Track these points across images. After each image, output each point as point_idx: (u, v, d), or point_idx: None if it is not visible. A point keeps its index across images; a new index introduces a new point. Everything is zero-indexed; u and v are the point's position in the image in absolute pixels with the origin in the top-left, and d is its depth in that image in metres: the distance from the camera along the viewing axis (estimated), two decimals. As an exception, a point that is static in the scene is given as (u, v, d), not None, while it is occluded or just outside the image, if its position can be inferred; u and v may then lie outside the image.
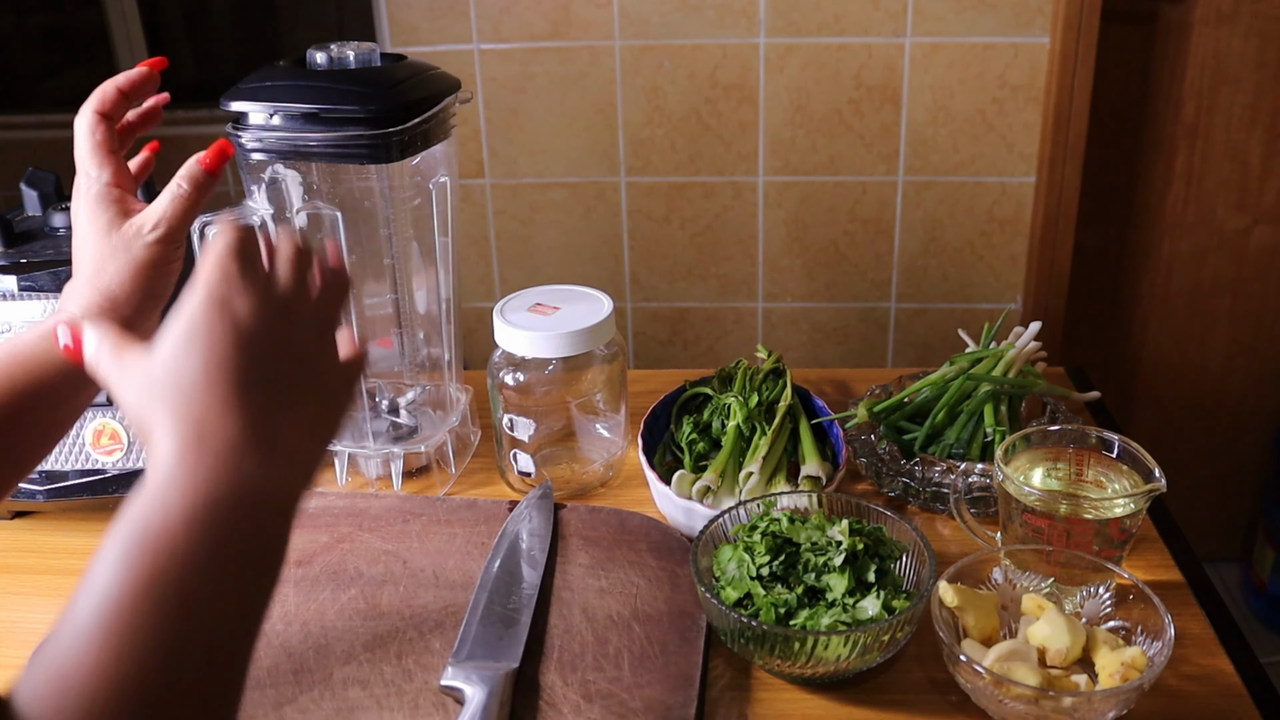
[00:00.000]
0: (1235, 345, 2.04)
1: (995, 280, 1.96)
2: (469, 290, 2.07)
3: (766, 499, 0.81)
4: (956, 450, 0.92)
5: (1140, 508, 0.77)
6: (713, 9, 1.81)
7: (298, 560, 0.83)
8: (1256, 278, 1.98)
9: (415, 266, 0.94)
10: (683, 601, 0.78)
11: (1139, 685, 0.65)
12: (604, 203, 1.97)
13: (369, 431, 0.96)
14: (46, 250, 0.90)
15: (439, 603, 0.78)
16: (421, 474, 0.98)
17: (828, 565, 0.73)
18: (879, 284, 1.99)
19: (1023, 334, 0.99)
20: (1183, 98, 1.87)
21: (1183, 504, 2.11)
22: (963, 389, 0.94)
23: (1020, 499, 0.78)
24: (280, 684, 0.70)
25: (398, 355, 0.98)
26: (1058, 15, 1.74)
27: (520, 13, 1.84)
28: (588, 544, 0.84)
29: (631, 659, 0.72)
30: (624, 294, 2.04)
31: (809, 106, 1.86)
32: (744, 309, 2.04)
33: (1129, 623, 0.72)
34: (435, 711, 0.68)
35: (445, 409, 1.00)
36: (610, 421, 0.97)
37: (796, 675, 0.72)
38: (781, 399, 0.97)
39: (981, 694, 0.68)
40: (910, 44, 1.80)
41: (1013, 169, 1.87)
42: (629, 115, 1.89)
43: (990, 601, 0.74)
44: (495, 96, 1.90)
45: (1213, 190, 1.93)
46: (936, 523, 0.90)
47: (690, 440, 0.95)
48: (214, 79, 2.38)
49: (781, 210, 1.94)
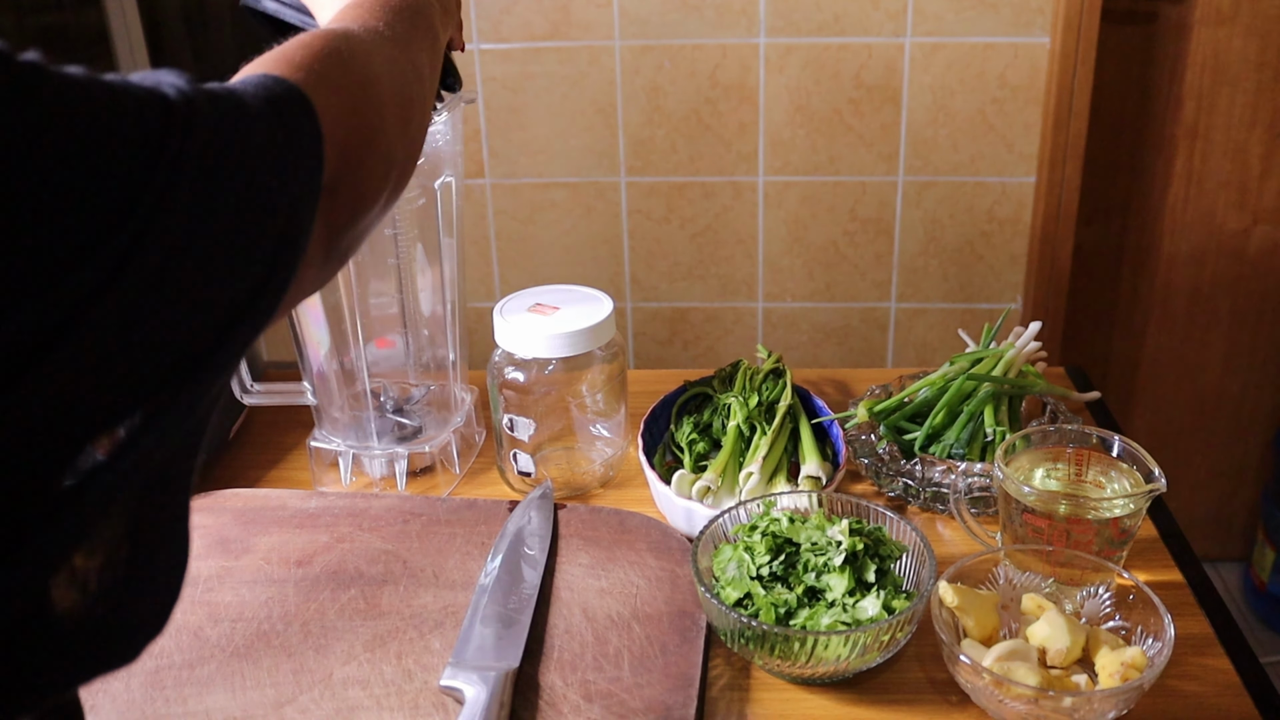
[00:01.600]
0: (1235, 345, 2.04)
1: (995, 280, 1.96)
2: (469, 290, 2.07)
3: (766, 499, 0.81)
4: (956, 450, 0.92)
5: (1140, 508, 0.77)
6: (713, 9, 1.81)
7: (298, 560, 0.83)
8: (1256, 278, 1.98)
9: (420, 267, 0.94)
10: (683, 601, 0.78)
11: (1139, 685, 0.65)
12: (604, 203, 1.97)
13: (373, 431, 0.96)
14: None
15: (439, 603, 0.78)
16: (426, 474, 0.98)
17: (828, 565, 0.73)
18: (879, 284, 1.99)
19: (1023, 334, 0.99)
20: (1183, 98, 1.87)
21: (1183, 504, 2.11)
22: (963, 389, 0.94)
23: (1020, 499, 0.78)
24: (280, 684, 0.71)
25: (403, 355, 0.98)
26: (1058, 15, 1.74)
27: (520, 13, 1.84)
28: (588, 544, 0.84)
29: (631, 659, 0.72)
30: (624, 294, 2.04)
31: (809, 106, 1.86)
32: (744, 309, 2.04)
33: (1129, 623, 0.72)
34: (435, 711, 0.68)
35: (450, 409, 1.00)
36: (610, 421, 0.97)
37: (796, 675, 0.72)
38: (781, 399, 0.97)
39: (981, 694, 0.68)
40: (910, 44, 1.80)
41: (1013, 169, 1.87)
42: (629, 115, 1.89)
43: (990, 601, 0.74)
44: (495, 96, 1.90)
45: (1213, 190, 1.93)
46: (936, 523, 0.90)
47: (690, 440, 0.95)
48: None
49: (781, 210, 1.94)
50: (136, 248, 0.34)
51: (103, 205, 0.33)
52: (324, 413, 0.97)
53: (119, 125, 0.34)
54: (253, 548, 0.85)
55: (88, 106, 0.33)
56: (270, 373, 1.04)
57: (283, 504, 0.90)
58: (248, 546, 0.85)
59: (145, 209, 0.34)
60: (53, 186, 0.31)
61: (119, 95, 0.35)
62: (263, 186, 0.40)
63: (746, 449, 0.92)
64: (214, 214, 0.37)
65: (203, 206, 0.37)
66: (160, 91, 0.37)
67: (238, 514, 0.89)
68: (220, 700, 0.69)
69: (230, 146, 0.39)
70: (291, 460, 1.02)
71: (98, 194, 0.33)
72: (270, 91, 0.44)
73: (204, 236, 0.37)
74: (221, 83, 0.45)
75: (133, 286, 0.34)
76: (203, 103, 0.38)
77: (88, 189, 0.33)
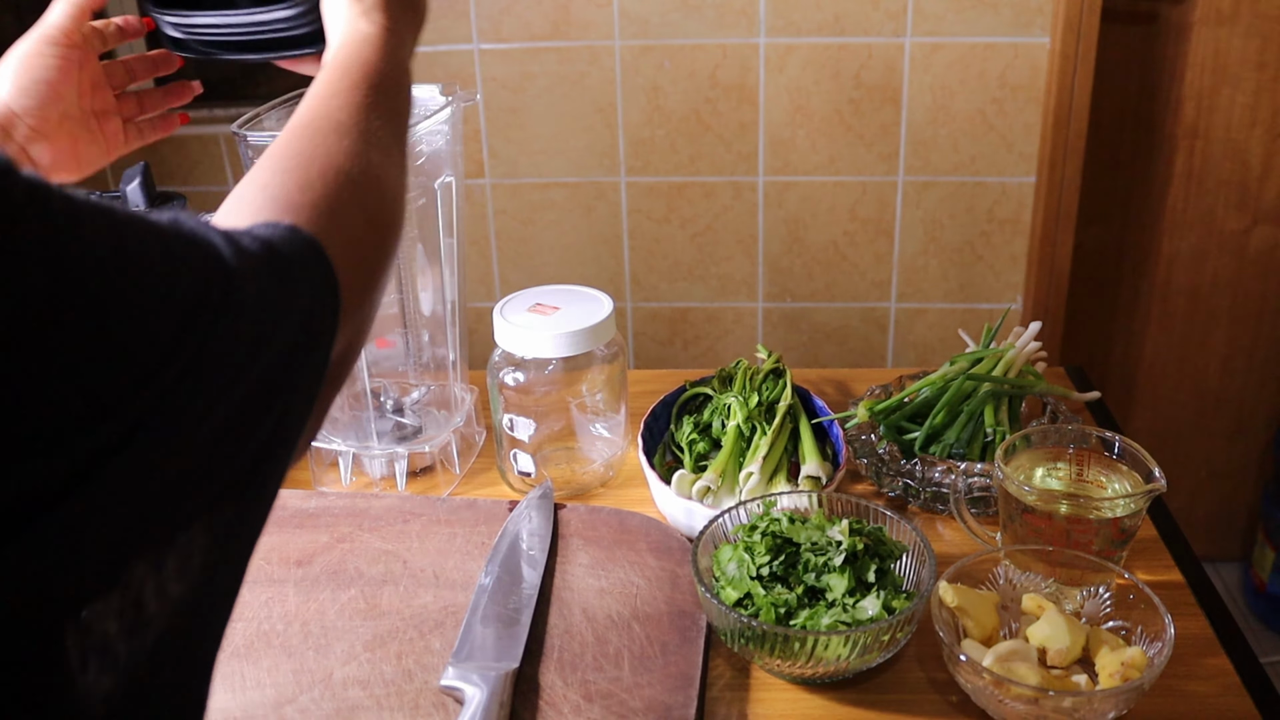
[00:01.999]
0: (1235, 345, 2.04)
1: (995, 280, 1.96)
2: (469, 290, 2.07)
3: (766, 499, 0.81)
4: (956, 450, 0.92)
5: (1140, 508, 0.77)
6: (713, 9, 1.81)
7: (298, 560, 0.83)
8: (1256, 278, 1.98)
9: (420, 267, 0.94)
10: (683, 601, 0.78)
11: (1139, 685, 0.65)
12: (604, 203, 1.97)
13: (373, 432, 0.96)
14: None
15: (439, 603, 0.78)
16: (426, 474, 0.98)
17: (828, 565, 0.73)
18: (879, 284, 1.99)
19: (1023, 334, 0.99)
20: (1183, 98, 1.87)
21: (1183, 504, 2.11)
22: (963, 389, 0.94)
23: (1020, 499, 0.78)
24: (280, 684, 0.71)
25: (403, 355, 0.98)
26: (1058, 15, 1.74)
27: (520, 13, 1.84)
28: (588, 544, 0.84)
29: (631, 659, 0.72)
30: (624, 294, 2.04)
31: (809, 106, 1.86)
32: (744, 309, 2.04)
33: (1129, 623, 0.72)
34: (435, 711, 0.68)
35: (450, 409, 1.00)
36: (610, 421, 0.97)
37: (796, 675, 0.72)
38: (781, 399, 0.97)
39: (981, 694, 0.68)
40: (910, 44, 1.80)
41: (1013, 169, 1.87)
42: (629, 115, 1.89)
43: (990, 601, 0.74)
44: (495, 96, 1.90)
45: (1213, 190, 1.93)
46: (936, 523, 0.90)
47: (690, 440, 0.95)
48: (214, 79, 2.38)
49: (781, 210, 1.94)
50: (159, 408, 0.33)
51: (139, 360, 0.32)
52: (324, 413, 0.97)
53: (177, 280, 0.34)
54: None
55: (144, 260, 0.33)
56: (270, 373, 1.04)
57: (283, 504, 0.90)
58: (248, 546, 0.85)
59: (177, 369, 0.34)
60: (91, 342, 0.31)
61: (177, 246, 0.35)
62: (288, 345, 0.40)
63: (746, 449, 0.92)
64: (242, 380, 0.37)
65: (233, 374, 0.36)
66: (215, 250, 0.37)
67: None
68: (220, 700, 0.69)
69: (269, 316, 0.39)
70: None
71: (139, 350, 0.32)
72: (294, 248, 0.43)
73: (228, 402, 0.36)
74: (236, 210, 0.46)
75: (152, 445, 0.33)
76: (250, 267, 0.38)
77: (129, 346, 0.32)
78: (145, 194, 1.00)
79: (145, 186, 1.01)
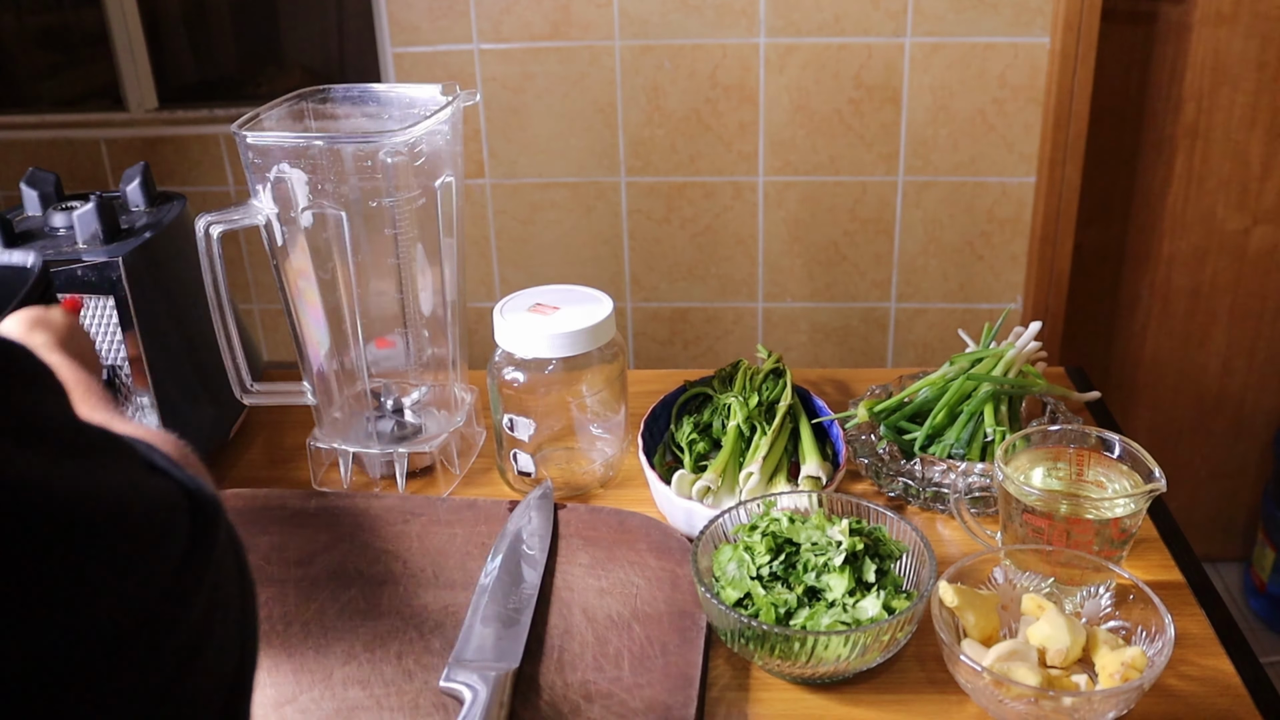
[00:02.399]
0: (1235, 345, 2.04)
1: (995, 280, 1.96)
2: (469, 290, 2.07)
3: (766, 499, 0.81)
4: (956, 450, 0.92)
5: (1140, 508, 0.77)
6: (713, 9, 1.81)
7: (298, 560, 0.83)
8: (1256, 278, 1.98)
9: (420, 267, 0.94)
10: (683, 601, 0.78)
11: (1139, 685, 0.65)
12: (604, 203, 1.97)
13: (373, 431, 0.96)
14: (47, 250, 0.90)
15: (439, 603, 0.78)
16: (425, 474, 0.98)
17: (828, 565, 0.73)
18: (879, 284, 1.99)
19: (1023, 334, 0.99)
20: (1183, 98, 1.87)
21: (1183, 504, 2.11)
22: (963, 389, 0.94)
23: (1020, 499, 0.78)
24: (280, 684, 0.71)
25: (403, 355, 0.98)
26: (1058, 15, 1.74)
27: (520, 13, 1.84)
28: (588, 544, 0.84)
29: (631, 659, 0.72)
30: (624, 294, 2.04)
31: (809, 106, 1.86)
32: (744, 309, 2.04)
33: (1129, 623, 0.72)
34: (435, 711, 0.68)
35: (450, 409, 1.00)
36: (610, 421, 0.97)
37: (796, 675, 0.72)
38: (781, 399, 0.97)
39: (981, 694, 0.68)
40: (910, 44, 1.80)
41: (1013, 169, 1.87)
42: (629, 115, 1.89)
43: (990, 601, 0.74)
44: (495, 96, 1.90)
45: (1213, 190, 1.93)
46: (936, 523, 0.90)
47: (690, 440, 0.95)
48: (214, 79, 2.38)
49: (781, 210, 1.94)
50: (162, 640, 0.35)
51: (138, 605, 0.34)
52: (324, 413, 0.97)
53: (175, 525, 0.38)
54: (253, 548, 0.85)
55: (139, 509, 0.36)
56: (270, 373, 1.04)
57: (283, 504, 0.90)
58: (248, 546, 0.84)
59: (173, 604, 0.36)
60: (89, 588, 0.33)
61: (164, 492, 0.39)
62: (236, 576, 0.43)
63: (746, 449, 0.92)
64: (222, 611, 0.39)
65: (212, 610, 0.39)
66: (207, 494, 0.41)
67: (238, 514, 0.89)
68: (220, 700, 0.69)
69: (231, 547, 0.42)
70: (291, 460, 1.02)
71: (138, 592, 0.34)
72: (210, 493, 0.46)
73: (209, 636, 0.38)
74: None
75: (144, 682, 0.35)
76: (216, 504, 0.41)
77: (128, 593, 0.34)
78: (145, 194, 1.00)
79: (145, 186, 1.01)
